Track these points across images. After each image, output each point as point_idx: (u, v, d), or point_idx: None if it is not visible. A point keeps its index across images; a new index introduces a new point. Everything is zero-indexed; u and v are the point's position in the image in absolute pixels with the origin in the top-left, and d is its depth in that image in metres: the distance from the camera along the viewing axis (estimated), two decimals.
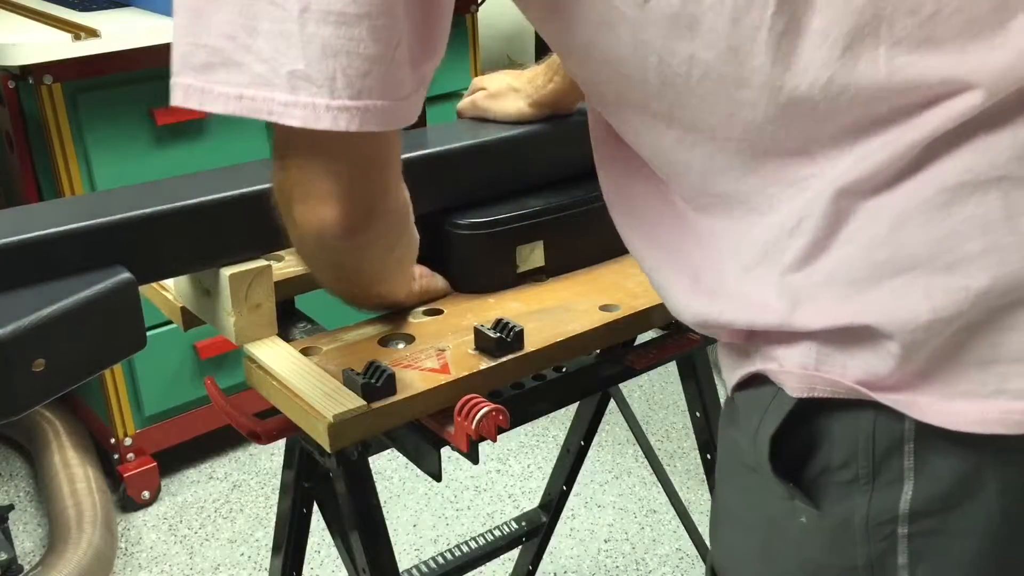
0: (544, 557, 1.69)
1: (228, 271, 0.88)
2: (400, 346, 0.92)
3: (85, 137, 1.83)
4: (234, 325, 0.90)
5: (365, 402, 0.82)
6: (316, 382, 0.85)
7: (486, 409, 0.81)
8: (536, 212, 1.02)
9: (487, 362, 0.89)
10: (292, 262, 1.01)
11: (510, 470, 2.24)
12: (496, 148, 1.05)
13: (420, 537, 2.04)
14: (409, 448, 0.91)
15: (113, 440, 2.06)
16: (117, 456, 2.08)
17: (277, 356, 0.90)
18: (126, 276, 0.79)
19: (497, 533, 1.56)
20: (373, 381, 0.82)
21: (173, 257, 0.87)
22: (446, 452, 0.87)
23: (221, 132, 1.96)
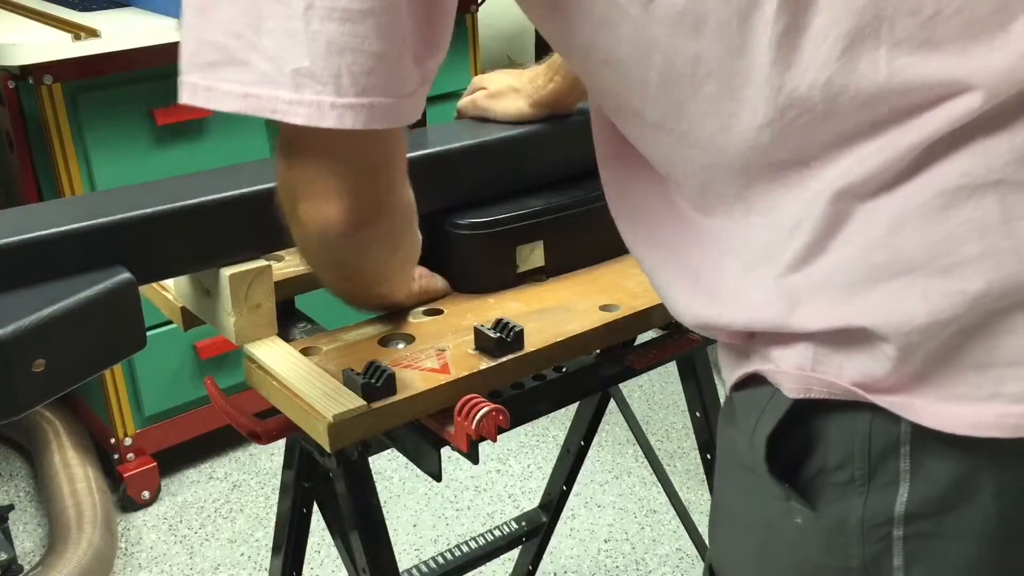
0: (544, 557, 1.69)
1: (228, 271, 0.89)
2: (400, 346, 0.92)
3: (85, 137, 1.83)
4: (234, 325, 0.90)
5: (365, 402, 0.82)
6: (316, 382, 0.85)
7: (486, 409, 0.81)
8: (536, 212, 1.02)
9: (487, 362, 0.89)
10: (292, 262, 1.01)
11: (510, 470, 2.24)
12: (496, 148, 1.05)
13: (420, 537, 2.04)
14: (409, 448, 0.91)
15: (113, 440, 2.06)
16: (117, 456, 2.08)
17: (277, 356, 0.90)
18: (126, 276, 0.79)
19: (497, 533, 1.56)
20: (373, 381, 0.82)
21: (173, 257, 0.87)
22: (446, 452, 0.87)
23: (221, 132, 1.96)
